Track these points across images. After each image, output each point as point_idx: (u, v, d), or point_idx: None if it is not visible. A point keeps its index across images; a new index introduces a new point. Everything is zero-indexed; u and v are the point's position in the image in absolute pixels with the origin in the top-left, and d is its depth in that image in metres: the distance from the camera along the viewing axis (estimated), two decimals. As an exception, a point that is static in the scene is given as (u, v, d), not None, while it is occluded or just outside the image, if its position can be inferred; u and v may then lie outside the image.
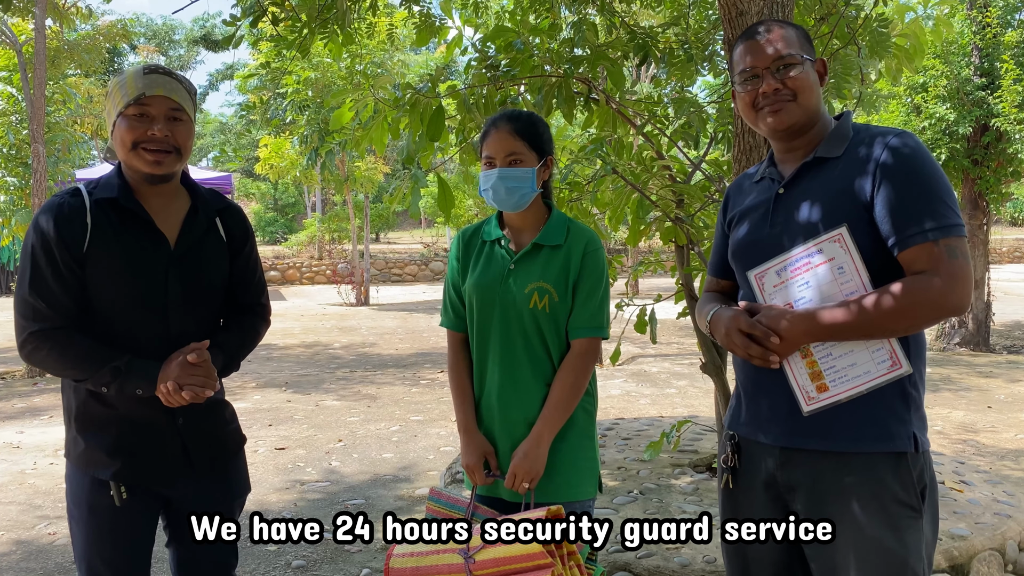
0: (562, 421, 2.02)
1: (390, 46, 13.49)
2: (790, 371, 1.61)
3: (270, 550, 3.77)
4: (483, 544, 1.78)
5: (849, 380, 1.56)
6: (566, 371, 2.03)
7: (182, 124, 1.83)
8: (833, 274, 1.57)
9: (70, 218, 1.78)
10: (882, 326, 1.52)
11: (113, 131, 1.84)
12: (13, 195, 10.29)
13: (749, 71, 1.69)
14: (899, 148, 1.57)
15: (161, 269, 1.84)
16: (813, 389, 1.59)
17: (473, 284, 2.10)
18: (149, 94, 1.78)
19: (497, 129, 2.06)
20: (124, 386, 1.76)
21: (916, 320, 1.52)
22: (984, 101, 9.55)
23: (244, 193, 32.49)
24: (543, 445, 1.99)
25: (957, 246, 1.52)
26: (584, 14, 4.29)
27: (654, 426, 5.23)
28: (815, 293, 1.59)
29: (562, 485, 2.03)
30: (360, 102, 3.79)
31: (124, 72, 1.87)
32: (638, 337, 10.20)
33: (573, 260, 2.05)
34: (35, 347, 1.76)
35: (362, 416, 6.68)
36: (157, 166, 1.80)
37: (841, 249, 1.56)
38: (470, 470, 2.07)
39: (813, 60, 1.69)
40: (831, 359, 1.57)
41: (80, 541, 1.87)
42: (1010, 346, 10.23)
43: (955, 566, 3.08)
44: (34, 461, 5.34)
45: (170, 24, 43.49)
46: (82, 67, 12.20)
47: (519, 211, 2.09)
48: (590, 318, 2.05)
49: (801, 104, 1.66)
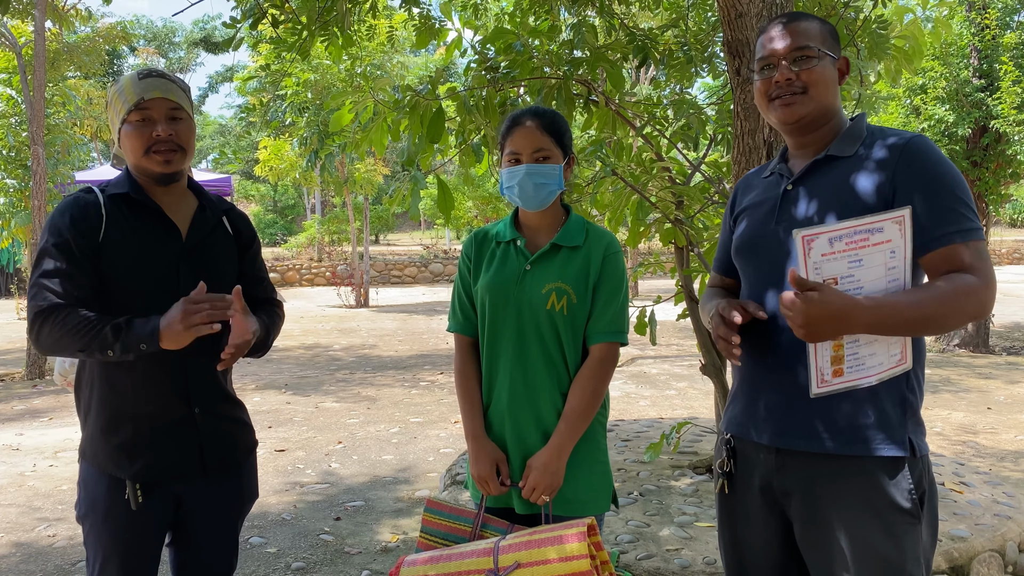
0: (582, 431, 1.94)
1: (390, 48, 13.50)
2: (814, 352, 1.52)
3: (270, 552, 3.76)
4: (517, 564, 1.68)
5: (864, 369, 1.52)
6: (586, 378, 1.95)
7: (183, 123, 1.89)
8: (885, 258, 1.48)
9: (85, 211, 1.83)
10: (934, 321, 1.47)
11: (119, 140, 1.89)
12: (12, 197, 10.28)
13: (767, 59, 1.68)
14: (923, 151, 1.55)
15: (173, 260, 1.88)
16: (829, 372, 1.52)
17: (486, 284, 2.02)
18: (148, 97, 1.83)
19: (523, 125, 1.99)
20: (127, 344, 1.71)
21: (959, 320, 1.50)
22: (983, 103, 9.56)
23: (244, 195, 32.50)
24: (563, 456, 1.91)
25: (984, 249, 1.52)
26: (583, 16, 4.30)
27: (654, 428, 5.23)
28: (863, 273, 1.48)
29: (577, 499, 1.96)
30: (360, 104, 3.79)
31: (120, 81, 1.91)
32: (638, 338, 10.20)
33: (593, 262, 1.98)
34: (42, 324, 1.75)
35: (362, 418, 6.68)
36: (167, 165, 1.86)
37: (899, 233, 1.47)
38: (482, 480, 1.96)
39: (835, 57, 1.67)
40: (856, 345, 1.51)
41: (94, 544, 1.87)
42: (1009, 347, 10.24)
43: (955, 567, 3.08)
44: (34, 463, 5.34)
45: (170, 26, 43.54)
46: (82, 69, 12.21)
47: (540, 210, 2.02)
48: (610, 322, 1.97)
49: (813, 98, 1.64)
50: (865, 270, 1.48)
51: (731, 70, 3.30)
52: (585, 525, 1.70)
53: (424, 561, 1.79)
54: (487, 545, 1.76)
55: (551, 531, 1.73)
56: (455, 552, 1.79)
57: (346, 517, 4.26)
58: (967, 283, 1.47)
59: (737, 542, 1.75)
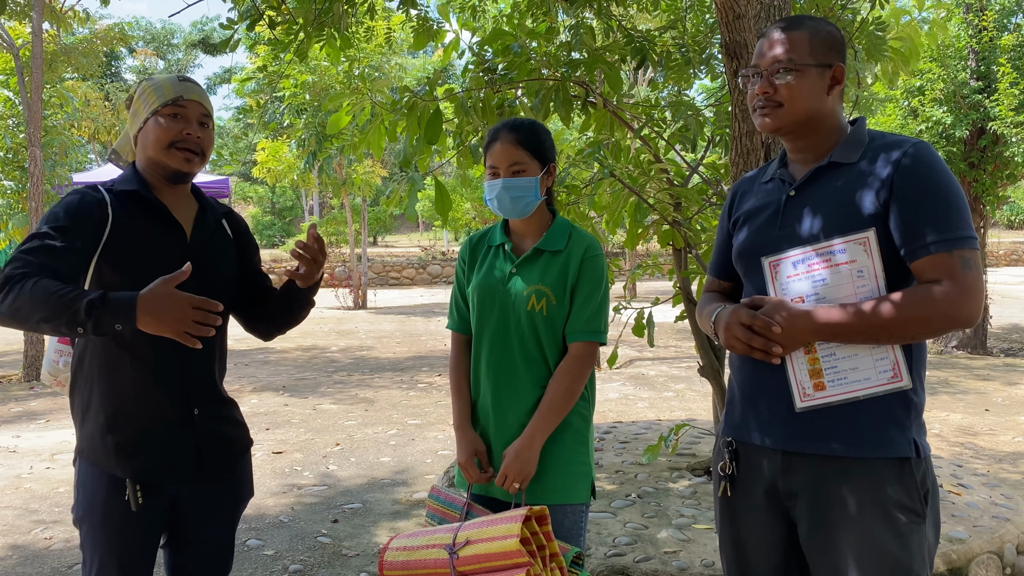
0: (555, 423, 2.04)
1: (387, 50, 13.51)
2: (790, 365, 1.59)
3: (267, 554, 3.75)
4: (467, 541, 1.83)
5: (848, 383, 1.55)
6: (561, 374, 2.06)
7: (209, 130, 1.93)
8: (852, 276, 1.55)
9: (89, 205, 1.82)
10: (887, 331, 1.51)
11: (141, 130, 1.89)
12: (10, 199, 10.26)
13: (754, 67, 1.71)
14: (918, 158, 1.56)
15: (178, 257, 1.87)
16: (810, 386, 1.57)
17: (476, 286, 2.16)
18: (187, 97, 1.87)
19: (500, 140, 2.10)
20: (101, 322, 1.58)
21: (924, 328, 1.51)
22: (980, 104, 9.57)
23: (241, 196, 32.49)
24: (535, 446, 2.01)
25: (971, 258, 1.52)
26: (581, 18, 4.30)
27: (652, 429, 5.23)
28: (830, 291, 1.56)
29: (553, 488, 2.04)
30: (357, 106, 3.79)
31: (155, 77, 1.94)
32: (636, 340, 10.20)
33: (572, 265, 2.09)
34: (8, 290, 1.63)
35: (359, 420, 6.67)
36: (187, 164, 1.88)
37: (864, 252, 1.54)
38: (463, 467, 2.11)
39: (827, 66, 1.65)
40: (834, 359, 1.56)
41: (91, 546, 1.86)
42: (1007, 349, 10.25)
43: (953, 569, 3.08)
44: (30, 465, 5.32)
45: (168, 28, 43.55)
46: (79, 71, 12.19)
47: (523, 218, 2.14)
48: (586, 322, 2.07)
49: (788, 112, 1.65)
50: (831, 288, 1.57)
51: (729, 72, 3.30)
52: (527, 511, 1.81)
53: (408, 536, 1.99)
54: (456, 525, 1.94)
55: (504, 514, 1.87)
56: (431, 530, 1.98)
57: (343, 519, 4.25)
58: (931, 293, 1.50)
59: (739, 545, 1.75)
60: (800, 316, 1.56)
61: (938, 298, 1.49)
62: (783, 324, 1.56)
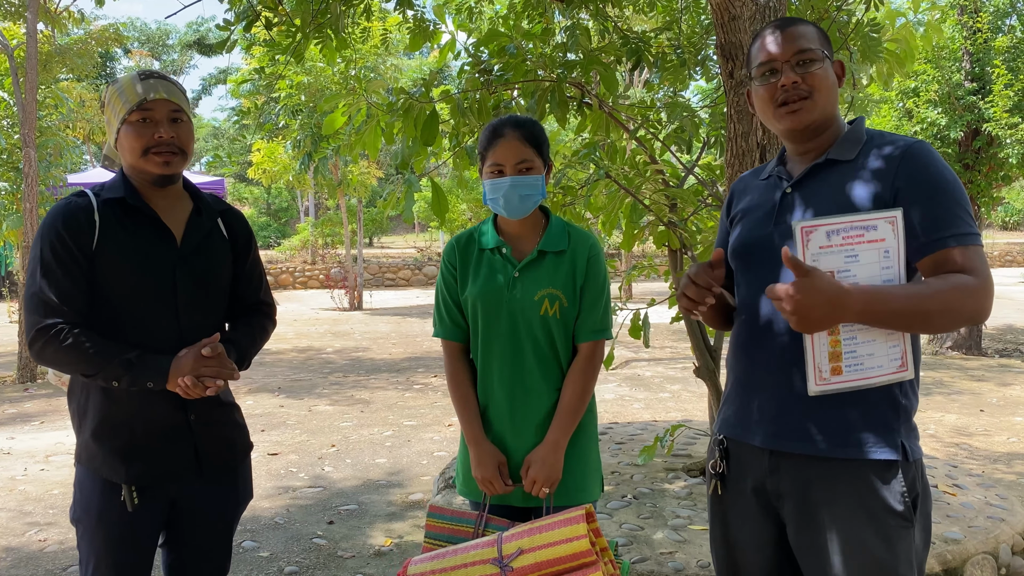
0: (575, 425, 2.03)
1: (383, 51, 13.50)
2: (811, 345, 1.51)
3: (262, 556, 3.74)
4: (520, 551, 1.75)
5: (863, 370, 1.51)
6: (577, 375, 2.04)
7: (183, 125, 1.87)
8: (880, 256, 1.50)
9: (78, 216, 1.80)
10: (926, 318, 1.46)
11: (117, 139, 1.86)
12: (4, 200, 10.23)
13: (767, 64, 1.65)
14: (922, 157, 1.55)
15: (169, 265, 1.86)
16: (828, 370, 1.51)
17: (477, 293, 2.06)
18: (150, 98, 1.81)
19: (505, 136, 2.02)
20: (136, 380, 1.75)
21: (955, 319, 1.49)
22: (975, 106, 9.60)
23: (237, 198, 32.40)
24: (560, 451, 2.00)
25: (981, 254, 1.52)
26: (577, 19, 4.30)
27: (648, 430, 5.23)
28: (860, 270, 1.49)
29: (573, 488, 2.04)
30: (353, 107, 3.79)
31: (118, 80, 1.88)
32: (631, 341, 10.20)
33: (579, 265, 2.05)
34: (45, 343, 1.74)
35: (355, 421, 6.66)
36: (166, 167, 1.84)
37: (892, 233, 1.49)
38: (486, 482, 2.02)
39: (832, 60, 1.66)
40: (854, 343, 1.51)
41: (87, 547, 1.86)
42: (1002, 350, 10.28)
43: (948, 570, 3.08)
44: (24, 467, 5.30)
45: (164, 28, 43.44)
46: (74, 71, 12.15)
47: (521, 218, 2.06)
48: (597, 321, 2.06)
49: (818, 103, 1.62)
50: (861, 266, 1.49)
51: (724, 73, 3.30)
52: (584, 510, 1.78)
53: (430, 558, 1.85)
54: (491, 538, 1.83)
55: (552, 519, 1.81)
56: (460, 547, 1.85)
57: (339, 521, 4.25)
58: (964, 282, 1.47)
59: (729, 543, 1.75)
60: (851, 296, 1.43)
61: (973, 290, 1.47)
62: (849, 302, 1.43)
